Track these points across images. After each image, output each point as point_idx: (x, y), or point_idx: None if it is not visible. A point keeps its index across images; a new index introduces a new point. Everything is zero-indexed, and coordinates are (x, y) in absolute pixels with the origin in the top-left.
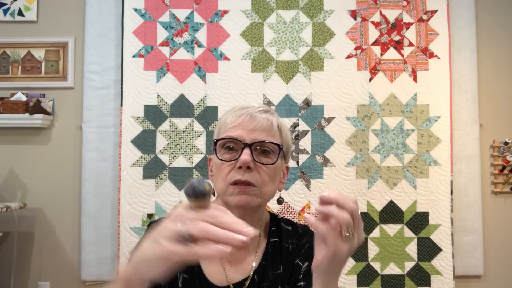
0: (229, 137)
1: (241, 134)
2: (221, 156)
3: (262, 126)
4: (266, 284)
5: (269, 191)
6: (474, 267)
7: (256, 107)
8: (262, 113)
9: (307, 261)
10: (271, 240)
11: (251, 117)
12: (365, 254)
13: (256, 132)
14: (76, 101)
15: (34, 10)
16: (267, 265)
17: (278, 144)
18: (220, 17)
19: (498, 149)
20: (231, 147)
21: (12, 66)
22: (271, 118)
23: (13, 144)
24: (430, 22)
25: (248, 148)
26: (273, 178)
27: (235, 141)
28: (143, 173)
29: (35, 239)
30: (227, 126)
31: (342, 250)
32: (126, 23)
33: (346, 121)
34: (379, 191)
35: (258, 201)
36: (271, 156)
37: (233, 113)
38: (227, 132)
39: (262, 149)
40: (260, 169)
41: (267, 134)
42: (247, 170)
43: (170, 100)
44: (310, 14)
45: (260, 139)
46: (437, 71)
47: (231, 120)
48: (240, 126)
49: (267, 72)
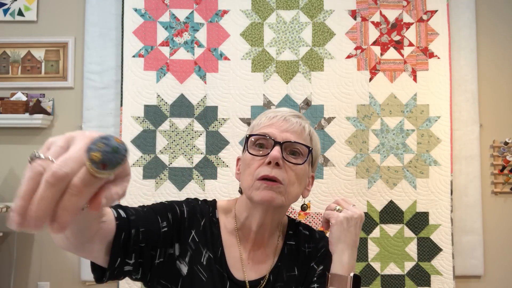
0: (261, 133)
1: (273, 132)
2: (252, 151)
3: (294, 128)
4: (280, 285)
5: (294, 192)
6: (474, 267)
7: (290, 111)
8: (296, 117)
9: (322, 265)
10: (287, 242)
11: (284, 119)
12: (365, 254)
13: (287, 133)
14: (76, 101)
15: (34, 10)
16: (282, 266)
17: (308, 146)
18: (220, 17)
19: (498, 149)
20: (262, 144)
21: (12, 66)
22: (304, 123)
23: (13, 144)
24: (430, 22)
25: (279, 145)
26: (300, 179)
27: (267, 138)
28: (143, 173)
29: (35, 239)
30: (261, 124)
31: (339, 216)
32: (126, 23)
33: (346, 121)
34: (379, 191)
35: (282, 199)
36: (300, 157)
37: (266, 115)
38: (259, 130)
39: (291, 150)
40: (288, 168)
41: (298, 136)
42: (276, 167)
43: (170, 100)
44: (310, 14)
45: (291, 139)
46: (437, 71)
47: (265, 120)
48: (273, 126)
49: (267, 72)
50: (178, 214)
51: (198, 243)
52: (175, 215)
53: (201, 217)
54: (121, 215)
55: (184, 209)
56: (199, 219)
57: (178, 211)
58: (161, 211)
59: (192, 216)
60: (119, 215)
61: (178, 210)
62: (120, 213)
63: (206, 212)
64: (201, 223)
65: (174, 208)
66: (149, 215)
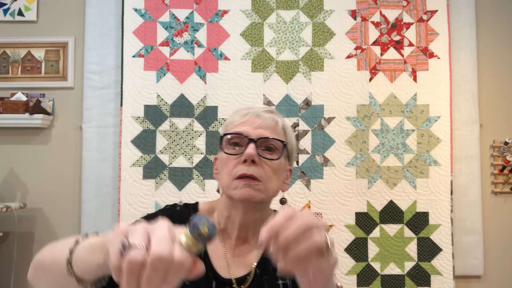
0: (235, 132)
1: (247, 129)
2: (227, 150)
3: (267, 124)
4: (267, 278)
5: (273, 187)
6: (474, 267)
7: (262, 107)
8: (268, 113)
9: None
10: None
11: (257, 115)
12: (365, 254)
13: (261, 129)
14: (76, 101)
15: (34, 10)
16: (268, 259)
17: (282, 141)
18: (220, 17)
19: (498, 149)
20: (237, 142)
21: (12, 66)
22: (276, 118)
23: (13, 144)
24: (430, 22)
25: (253, 143)
26: (277, 174)
27: (241, 137)
28: (143, 173)
29: (35, 239)
30: (234, 123)
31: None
32: (126, 23)
33: (346, 121)
34: (379, 191)
35: (261, 196)
36: (275, 152)
37: (239, 112)
38: (233, 129)
39: (266, 146)
40: (265, 164)
41: (272, 131)
42: (252, 164)
43: (170, 100)
44: (310, 14)
45: (265, 135)
46: (437, 71)
47: (237, 118)
48: (246, 123)
49: (267, 72)
50: None
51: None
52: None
53: (181, 222)
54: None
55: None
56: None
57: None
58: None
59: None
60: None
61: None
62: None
63: (186, 216)
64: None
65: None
66: None
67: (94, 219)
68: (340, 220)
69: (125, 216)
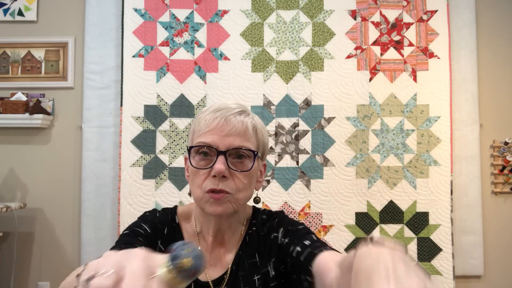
0: (203, 143)
1: (215, 140)
2: (195, 163)
3: (237, 130)
4: (242, 274)
5: (243, 197)
6: (474, 267)
7: (231, 108)
8: (237, 115)
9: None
10: (248, 232)
11: (225, 120)
12: None
13: (230, 138)
14: (76, 101)
15: (34, 10)
16: (243, 255)
17: (253, 151)
18: (220, 17)
19: (498, 149)
20: (206, 152)
21: (12, 66)
22: (246, 120)
23: (13, 144)
24: (430, 22)
25: (223, 155)
26: (249, 183)
27: (209, 148)
28: (143, 173)
29: (35, 239)
30: (201, 130)
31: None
32: (126, 23)
33: (346, 121)
34: (379, 191)
35: (232, 207)
36: (246, 161)
37: (207, 115)
38: (200, 137)
39: (237, 154)
40: (235, 176)
41: (242, 139)
42: (222, 179)
43: (170, 100)
44: (310, 14)
45: (234, 145)
46: (437, 71)
47: (205, 123)
48: (214, 131)
49: (267, 72)
50: (143, 233)
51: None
52: (142, 235)
53: (162, 226)
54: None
55: (144, 227)
56: (161, 229)
57: (142, 231)
58: (133, 239)
59: (154, 229)
60: None
61: (141, 230)
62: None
63: (166, 220)
64: (164, 231)
65: (137, 230)
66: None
67: (94, 219)
68: (340, 220)
69: (125, 216)
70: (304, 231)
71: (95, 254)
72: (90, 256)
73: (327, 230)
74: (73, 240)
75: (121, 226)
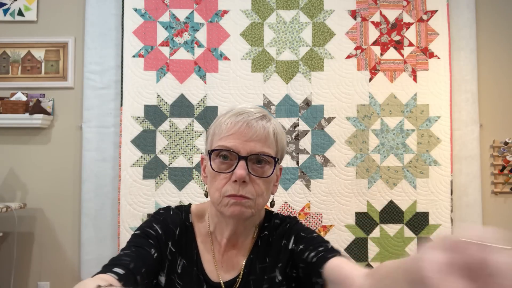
0: (224, 147)
1: (237, 144)
2: (216, 166)
3: (258, 136)
4: (253, 278)
5: (263, 201)
6: None
7: (253, 112)
8: (259, 120)
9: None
10: (261, 235)
11: (247, 125)
12: (365, 254)
13: (252, 143)
14: (76, 101)
15: (34, 10)
16: (255, 258)
17: (273, 157)
18: (220, 17)
19: (498, 149)
20: (226, 155)
21: (12, 66)
22: (268, 125)
23: (13, 144)
24: (430, 22)
25: (244, 160)
26: (268, 188)
27: (230, 152)
28: (143, 173)
29: (35, 239)
30: (222, 134)
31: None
32: (126, 23)
33: (346, 121)
34: (379, 191)
35: (251, 211)
36: (267, 167)
37: (228, 119)
38: (221, 140)
39: (257, 160)
40: (255, 182)
41: (263, 144)
42: (242, 184)
43: (170, 100)
44: (310, 14)
45: (256, 151)
46: (437, 71)
47: (227, 127)
48: (236, 135)
49: (267, 72)
50: (154, 234)
51: (175, 253)
52: (154, 237)
53: (175, 226)
54: (121, 273)
55: (155, 227)
56: (172, 229)
57: (153, 232)
58: (144, 241)
59: (165, 230)
60: (119, 274)
61: (152, 231)
62: (118, 272)
63: (179, 219)
64: (175, 232)
65: (149, 232)
66: (141, 253)
67: (94, 219)
68: (340, 220)
69: (125, 216)
70: (320, 239)
71: (95, 254)
72: (90, 256)
73: (327, 230)
74: (73, 240)
75: (121, 226)
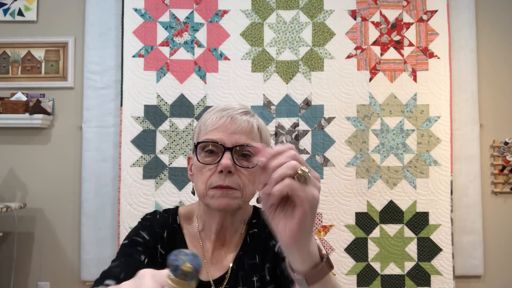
0: (210, 140)
1: (222, 137)
2: (201, 159)
3: (242, 129)
4: (242, 274)
5: (249, 193)
6: (474, 267)
7: (237, 108)
8: (243, 115)
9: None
10: (249, 232)
11: (231, 119)
12: (365, 254)
13: (236, 135)
14: (76, 101)
15: (34, 10)
16: (244, 255)
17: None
18: (220, 17)
19: (498, 149)
20: (212, 150)
21: (12, 66)
22: (252, 120)
23: (13, 144)
24: (430, 22)
25: (229, 151)
26: (253, 180)
27: (216, 144)
28: (143, 173)
29: (35, 239)
30: (207, 128)
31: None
32: (126, 23)
33: (346, 121)
34: (379, 191)
35: (238, 203)
36: (252, 159)
37: (213, 115)
38: (207, 134)
39: (242, 153)
40: (241, 172)
41: (247, 137)
42: (228, 175)
43: (170, 100)
44: (310, 14)
45: (240, 143)
46: (437, 71)
47: (212, 122)
48: (221, 129)
49: (267, 72)
50: (142, 241)
51: (165, 255)
52: (142, 244)
53: (162, 229)
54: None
55: (142, 234)
56: (160, 233)
57: (140, 239)
58: (133, 250)
59: (153, 234)
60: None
61: (140, 238)
62: (110, 284)
63: (166, 222)
64: (163, 235)
65: (136, 240)
66: (131, 261)
67: (94, 219)
68: (340, 220)
69: (125, 216)
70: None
71: (95, 254)
72: (90, 256)
73: (327, 230)
74: (73, 240)
75: (121, 226)
